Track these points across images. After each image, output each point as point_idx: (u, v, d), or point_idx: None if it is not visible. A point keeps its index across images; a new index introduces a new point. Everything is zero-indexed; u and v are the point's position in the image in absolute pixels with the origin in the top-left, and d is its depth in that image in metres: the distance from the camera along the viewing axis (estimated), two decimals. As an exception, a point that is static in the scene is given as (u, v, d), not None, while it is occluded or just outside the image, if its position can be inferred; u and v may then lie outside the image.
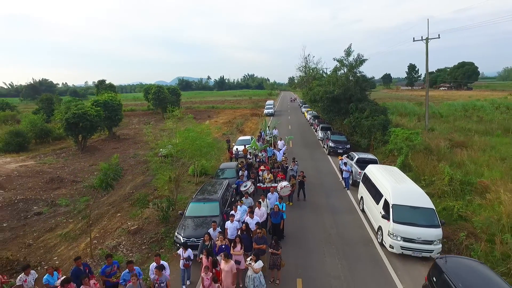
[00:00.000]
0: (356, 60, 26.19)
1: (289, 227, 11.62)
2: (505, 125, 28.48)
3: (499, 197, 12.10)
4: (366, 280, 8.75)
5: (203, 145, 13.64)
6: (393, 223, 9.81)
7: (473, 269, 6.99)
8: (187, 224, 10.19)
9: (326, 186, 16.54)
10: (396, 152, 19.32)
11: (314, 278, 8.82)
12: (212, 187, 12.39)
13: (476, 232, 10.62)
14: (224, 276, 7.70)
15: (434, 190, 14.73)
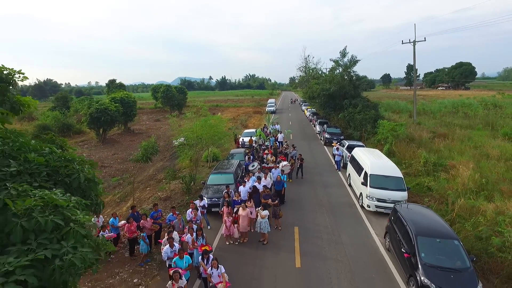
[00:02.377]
0: (350, 61, 29.05)
1: (289, 196, 14.43)
2: (486, 120, 31.21)
3: (459, 173, 14.92)
4: (347, 228, 11.57)
5: (218, 132, 16.47)
6: (370, 188, 12.64)
7: (420, 210, 9.81)
8: (209, 190, 13.04)
9: (321, 168, 19.39)
10: (383, 141, 22.13)
11: (307, 226, 11.65)
12: (227, 164, 15.28)
13: (436, 196, 13.44)
14: (241, 220, 10.52)
15: (411, 171, 17.55)
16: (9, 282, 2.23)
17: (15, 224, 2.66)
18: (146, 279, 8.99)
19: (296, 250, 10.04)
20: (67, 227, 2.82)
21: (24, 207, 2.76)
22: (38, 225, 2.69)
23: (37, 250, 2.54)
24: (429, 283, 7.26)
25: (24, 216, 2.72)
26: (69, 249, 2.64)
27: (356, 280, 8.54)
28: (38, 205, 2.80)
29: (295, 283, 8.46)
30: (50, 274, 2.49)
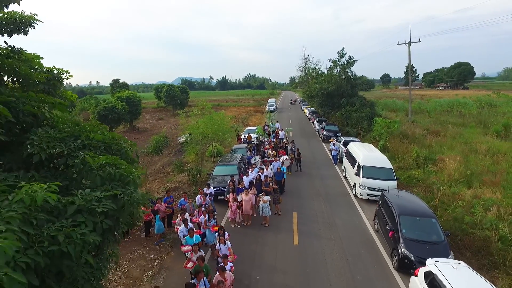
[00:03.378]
0: (348, 61, 30.22)
1: (288, 187, 15.60)
2: (479, 118, 32.37)
3: (445, 165, 16.10)
4: (340, 213, 12.75)
5: (222, 127, 17.67)
6: (362, 178, 13.81)
7: (404, 195, 10.99)
8: (215, 180, 14.22)
9: (319, 163, 20.57)
10: (378, 137, 23.31)
11: (305, 212, 12.83)
12: (231, 157, 16.47)
13: (423, 186, 14.62)
14: (244, 204, 11.69)
15: (403, 164, 18.74)
16: (100, 206, 3.41)
17: (95, 174, 3.84)
18: (161, 255, 10.17)
19: (294, 231, 11.22)
20: (129, 177, 3.99)
21: (99, 163, 3.93)
22: (110, 175, 3.86)
23: (111, 191, 3.71)
24: (408, 254, 8.45)
25: (100, 169, 3.89)
26: (132, 191, 3.82)
27: (347, 254, 9.72)
28: (108, 163, 3.98)
29: (293, 257, 9.64)
30: (121, 206, 3.65)
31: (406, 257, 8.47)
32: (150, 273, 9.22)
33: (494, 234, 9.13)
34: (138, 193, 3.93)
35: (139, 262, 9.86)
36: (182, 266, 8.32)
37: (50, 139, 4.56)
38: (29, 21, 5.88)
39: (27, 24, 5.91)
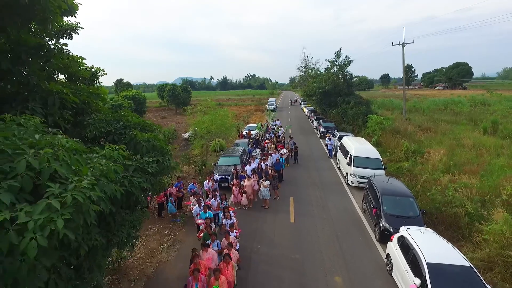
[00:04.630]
0: (344, 61, 31.64)
1: (287, 177, 16.99)
2: (471, 116, 33.76)
3: (431, 157, 17.52)
4: (333, 198, 14.16)
5: (225, 123, 19.10)
6: (353, 167, 15.23)
7: (388, 180, 12.39)
8: (219, 169, 15.63)
9: (315, 156, 22.00)
10: (371, 133, 24.72)
11: (301, 197, 14.25)
12: (233, 150, 17.89)
13: (408, 175, 16.04)
14: (246, 188, 13.11)
15: (394, 157, 20.16)
16: (149, 168, 4.85)
17: (142, 145, 5.26)
18: (174, 231, 11.59)
19: (291, 212, 12.65)
20: (166, 148, 5.40)
21: (144, 137, 5.35)
22: (153, 146, 5.27)
23: (154, 158, 5.12)
24: (388, 226, 9.86)
25: (145, 142, 5.29)
26: (168, 158, 5.23)
27: (336, 229, 11.14)
28: (150, 138, 5.39)
29: (289, 232, 11.06)
30: (162, 168, 5.06)
31: (386, 229, 9.87)
32: (166, 245, 10.64)
33: (462, 211, 10.54)
34: (172, 161, 5.37)
35: (155, 237, 11.28)
36: (193, 239, 9.77)
37: (101, 121, 6.00)
38: (74, 28, 7.29)
39: (72, 31, 7.31)
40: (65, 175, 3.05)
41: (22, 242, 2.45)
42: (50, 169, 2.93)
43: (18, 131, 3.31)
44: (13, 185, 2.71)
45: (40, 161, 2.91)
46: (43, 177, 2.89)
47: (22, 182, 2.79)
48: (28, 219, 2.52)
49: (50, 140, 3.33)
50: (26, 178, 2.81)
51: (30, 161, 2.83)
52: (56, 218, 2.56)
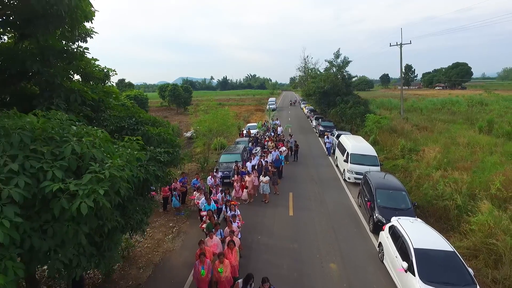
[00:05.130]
0: (343, 61, 32.23)
1: (286, 173, 17.59)
2: (467, 116, 34.34)
3: (425, 155, 18.11)
4: (330, 193, 14.75)
5: (226, 121, 19.71)
6: (350, 164, 15.82)
7: (382, 175, 12.99)
8: (221, 165, 16.23)
9: (314, 154, 22.60)
10: (369, 132, 25.31)
11: (299, 192, 14.84)
12: (234, 147, 18.50)
13: (403, 171, 16.64)
14: (248, 184, 13.70)
15: (390, 155, 20.74)
16: (161, 157, 5.46)
17: (154, 138, 5.87)
18: (179, 224, 12.20)
19: (290, 206, 13.24)
20: (175, 141, 6.01)
21: (156, 131, 5.96)
22: (163, 139, 5.87)
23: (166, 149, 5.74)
24: (381, 218, 10.44)
25: (156, 135, 5.90)
26: (178, 150, 5.84)
27: (333, 222, 11.74)
28: (161, 132, 6.00)
29: (288, 224, 11.66)
30: (172, 158, 5.67)
31: (379, 221, 10.45)
32: (171, 236, 11.24)
33: (452, 204, 11.13)
34: (180, 152, 5.99)
35: (161, 228, 11.88)
36: (197, 231, 10.36)
37: (115, 117, 6.60)
38: (89, 32, 7.88)
39: (87, 35, 7.91)
40: (101, 158, 3.66)
41: (72, 206, 3.05)
42: (90, 153, 3.54)
43: (58, 123, 3.92)
44: (62, 164, 3.32)
45: (82, 146, 3.52)
46: (85, 160, 3.49)
47: (69, 163, 3.39)
48: (77, 189, 3.12)
49: (87, 131, 3.94)
50: (72, 159, 3.43)
51: (74, 147, 3.44)
52: (98, 189, 3.16)
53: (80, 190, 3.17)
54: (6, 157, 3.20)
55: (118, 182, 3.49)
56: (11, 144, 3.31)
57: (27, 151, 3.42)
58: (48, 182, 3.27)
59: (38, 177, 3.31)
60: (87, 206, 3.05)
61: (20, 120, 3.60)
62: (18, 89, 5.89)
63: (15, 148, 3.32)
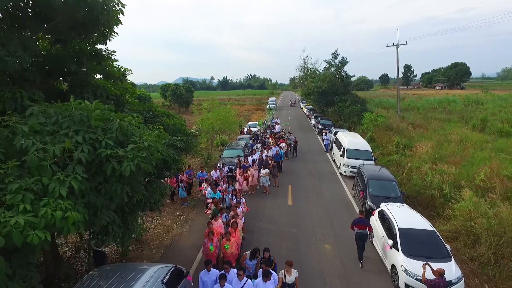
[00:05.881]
0: (341, 62, 33.18)
1: (286, 168, 18.54)
2: (463, 114, 35.27)
3: (418, 150, 19.06)
4: (327, 185, 15.70)
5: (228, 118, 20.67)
6: (346, 158, 16.77)
7: (375, 168, 13.94)
8: (224, 160, 17.18)
9: (313, 150, 23.57)
10: (366, 130, 26.25)
11: (298, 185, 15.79)
12: (236, 143, 19.46)
13: (396, 165, 17.59)
14: (249, 177, 14.63)
15: (386, 151, 21.68)
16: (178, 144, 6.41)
17: (171, 128, 6.82)
18: (186, 212, 13.13)
19: (289, 196, 14.20)
20: (188, 131, 6.95)
21: (172, 122, 6.91)
22: (178, 129, 6.81)
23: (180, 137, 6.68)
24: (372, 205, 11.38)
25: (172, 126, 6.85)
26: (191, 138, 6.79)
27: (329, 210, 12.68)
28: (176, 123, 6.96)
29: (287, 212, 12.60)
30: (187, 146, 6.61)
31: (371, 208, 11.39)
32: (179, 223, 12.18)
33: (438, 193, 12.07)
34: (194, 141, 6.94)
35: (169, 216, 12.82)
36: (204, 219, 11.29)
37: (134, 111, 7.55)
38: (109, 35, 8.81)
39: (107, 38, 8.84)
40: (139, 134, 4.61)
41: (121, 167, 4.02)
42: (132, 130, 4.49)
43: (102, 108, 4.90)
44: (112, 136, 4.28)
45: (124, 124, 4.47)
46: (128, 135, 4.45)
47: (116, 135, 4.35)
48: (124, 154, 4.08)
49: (125, 115, 4.89)
50: (118, 133, 4.39)
51: (119, 124, 4.39)
52: (140, 154, 4.12)
53: (127, 154, 4.12)
54: (72, 131, 4.17)
55: (153, 151, 4.45)
56: (74, 122, 4.28)
57: (85, 127, 4.35)
58: (102, 149, 4.29)
59: (95, 146, 4.26)
60: (131, 169, 4.00)
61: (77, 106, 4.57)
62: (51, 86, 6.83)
63: (77, 124, 4.30)
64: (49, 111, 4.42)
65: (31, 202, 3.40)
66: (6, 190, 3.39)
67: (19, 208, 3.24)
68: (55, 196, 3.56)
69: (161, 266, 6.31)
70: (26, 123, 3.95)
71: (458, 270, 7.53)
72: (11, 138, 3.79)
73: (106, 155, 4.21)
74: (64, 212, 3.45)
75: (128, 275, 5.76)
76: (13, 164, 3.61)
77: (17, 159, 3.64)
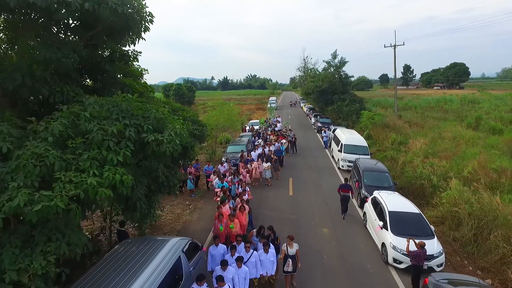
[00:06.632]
0: (340, 62, 34.18)
1: (286, 163, 19.54)
2: (458, 113, 36.27)
3: (412, 146, 20.07)
4: (325, 179, 16.70)
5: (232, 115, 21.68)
6: (343, 153, 17.78)
7: (370, 161, 14.94)
8: (228, 155, 18.19)
9: (312, 147, 24.59)
10: (364, 128, 27.25)
11: (298, 178, 16.79)
12: (240, 140, 20.47)
13: (390, 159, 18.59)
14: (253, 170, 15.64)
15: (382, 147, 22.69)
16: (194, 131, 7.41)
17: (188, 120, 7.81)
18: (194, 202, 14.14)
19: (290, 188, 15.20)
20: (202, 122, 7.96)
21: (188, 115, 7.91)
22: (194, 121, 7.81)
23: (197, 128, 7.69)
24: (366, 194, 12.36)
25: (189, 117, 7.84)
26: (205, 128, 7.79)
27: (327, 200, 13.68)
28: (191, 115, 7.96)
29: (288, 201, 13.60)
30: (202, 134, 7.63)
31: (365, 196, 12.36)
32: (188, 211, 13.18)
33: (428, 183, 13.08)
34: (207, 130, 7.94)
35: (179, 206, 13.81)
36: (211, 207, 12.28)
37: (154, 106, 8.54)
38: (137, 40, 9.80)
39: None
40: (170, 121, 5.63)
41: (160, 149, 5.03)
42: (165, 118, 5.50)
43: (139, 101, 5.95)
44: (150, 123, 5.31)
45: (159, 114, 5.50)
46: (161, 122, 5.46)
47: (153, 124, 5.36)
48: (162, 138, 5.10)
49: (159, 106, 5.91)
50: (154, 120, 5.40)
51: (156, 114, 5.40)
52: (174, 139, 5.14)
53: (164, 139, 5.12)
54: (121, 117, 5.20)
55: (183, 137, 5.46)
56: (122, 111, 5.30)
57: (129, 115, 5.37)
58: (145, 134, 5.33)
59: (138, 130, 5.26)
60: (169, 149, 5.02)
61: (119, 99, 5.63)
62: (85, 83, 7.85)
63: (123, 113, 5.32)
64: (101, 101, 5.43)
65: (97, 167, 4.40)
66: (78, 159, 4.39)
67: (90, 173, 4.23)
68: (113, 164, 4.56)
69: (181, 238, 7.31)
70: (85, 110, 4.95)
71: (440, 246, 8.53)
72: (77, 122, 4.79)
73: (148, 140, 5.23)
74: (121, 176, 4.45)
75: (154, 244, 6.77)
76: (80, 140, 4.61)
77: (81, 137, 4.65)
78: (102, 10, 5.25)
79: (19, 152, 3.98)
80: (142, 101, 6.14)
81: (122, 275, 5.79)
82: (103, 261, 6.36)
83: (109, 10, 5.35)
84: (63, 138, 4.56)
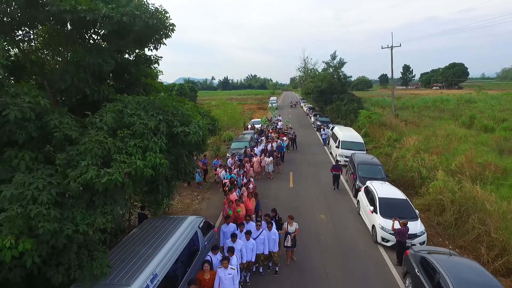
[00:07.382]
0: (339, 62, 35.33)
1: (287, 159, 20.69)
2: (454, 113, 37.39)
3: (406, 143, 21.22)
4: (324, 172, 17.84)
5: (234, 115, 22.85)
6: (341, 149, 18.91)
7: (365, 155, 16.10)
8: (232, 151, 19.34)
9: (311, 144, 25.74)
10: (361, 126, 28.39)
11: (298, 172, 17.94)
12: (243, 137, 21.64)
13: (385, 155, 19.73)
14: (255, 164, 16.79)
15: (378, 144, 23.83)
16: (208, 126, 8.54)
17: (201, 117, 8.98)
18: (202, 193, 15.30)
19: (290, 181, 16.36)
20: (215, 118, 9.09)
21: (202, 111, 9.05)
22: (208, 116, 8.94)
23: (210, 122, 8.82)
24: (360, 185, 13.50)
25: (203, 114, 8.98)
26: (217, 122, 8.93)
27: (325, 191, 14.84)
28: (204, 111, 9.10)
29: (289, 192, 14.76)
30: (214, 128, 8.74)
31: (359, 187, 13.51)
32: (197, 201, 14.34)
33: (417, 175, 14.23)
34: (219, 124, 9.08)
35: (188, 197, 14.98)
36: (218, 198, 13.43)
37: (170, 103, 9.69)
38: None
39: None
40: (193, 116, 6.79)
41: (187, 139, 6.20)
42: (188, 114, 6.66)
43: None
44: (178, 118, 6.48)
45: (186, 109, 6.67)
46: (186, 116, 6.64)
47: (180, 119, 6.54)
48: (189, 130, 6.27)
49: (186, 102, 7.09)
50: (181, 115, 6.59)
51: (182, 110, 6.57)
52: (199, 130, 6.32)
53: (191, 131, 6.32)
54: (155, 113, 6.37)
55: (204, 129, 6.63)
56: (155, 107, 6.47)
57: (161, 111, 6.54)
58: (175, 128, 6.46)
59: (169, 124, 6.41)
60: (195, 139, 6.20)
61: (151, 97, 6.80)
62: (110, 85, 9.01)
63: (156, 109, 6.48)
64: (137, 99, 6.59)
65: (141, 153, 5.57)
66: (127, 145, 5.54)
67: (136, 157, 5.39)
68: (153, 151, 5.72)
69: (197, 217, 8.48)
70: (126, 107, 6.10)
71: (422, 226, 9.68)
72: (120, 116, 5.95)
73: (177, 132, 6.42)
74: (160, 159, 5.61)
75: (174, 221, 7.94)
76: (127, 132, 5.77)
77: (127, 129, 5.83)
78: (137, 23, 6.38)
79: (85, 139, 5.13)
80: (172, 99, 7.30)
81: (149, 245, 6.95)
82: (131, 234, 7.52)
83: (142, 23, 6.48)
84: (112, 129, 5.69)
